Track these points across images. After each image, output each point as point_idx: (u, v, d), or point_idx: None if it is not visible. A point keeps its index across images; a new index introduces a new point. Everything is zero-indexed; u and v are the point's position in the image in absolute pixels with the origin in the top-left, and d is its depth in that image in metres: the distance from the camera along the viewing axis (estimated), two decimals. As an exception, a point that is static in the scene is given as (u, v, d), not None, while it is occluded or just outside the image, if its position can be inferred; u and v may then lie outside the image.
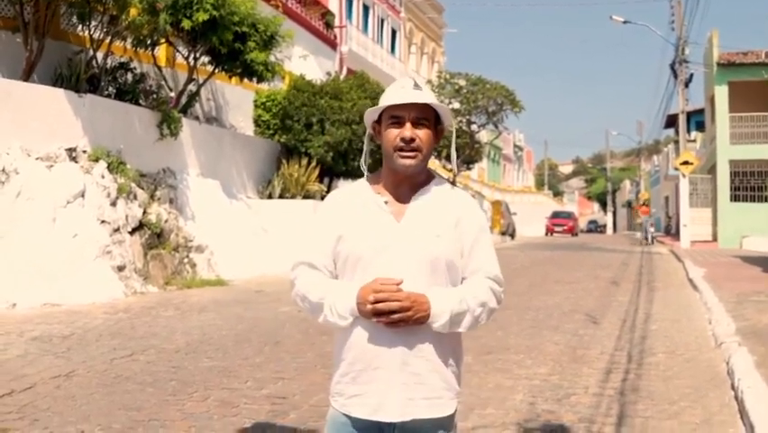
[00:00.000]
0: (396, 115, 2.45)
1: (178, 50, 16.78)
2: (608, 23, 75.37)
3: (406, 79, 2.51)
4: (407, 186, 2.49)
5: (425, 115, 2.46)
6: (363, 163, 2.64)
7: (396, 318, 2.30)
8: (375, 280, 2.33)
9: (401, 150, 2.43)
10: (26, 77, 12.67)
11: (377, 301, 2.29)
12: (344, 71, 29.61)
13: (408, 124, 2.43)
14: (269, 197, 19.20)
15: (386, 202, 2.47)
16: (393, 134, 2.44)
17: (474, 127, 35.32)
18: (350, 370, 2.42)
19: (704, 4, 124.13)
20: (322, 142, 19.66)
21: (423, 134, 2.45)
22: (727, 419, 5.38)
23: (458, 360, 2.50)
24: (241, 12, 14.96)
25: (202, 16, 13.95)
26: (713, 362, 7.35)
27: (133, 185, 13.50)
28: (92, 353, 7.33)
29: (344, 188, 2.65)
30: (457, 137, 34.62)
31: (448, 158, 35.79)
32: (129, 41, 14.87)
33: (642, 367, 7.10)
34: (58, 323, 9.02)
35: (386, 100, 2.47)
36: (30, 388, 5.93)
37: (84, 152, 12.83)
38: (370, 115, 2.55)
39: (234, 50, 15.47)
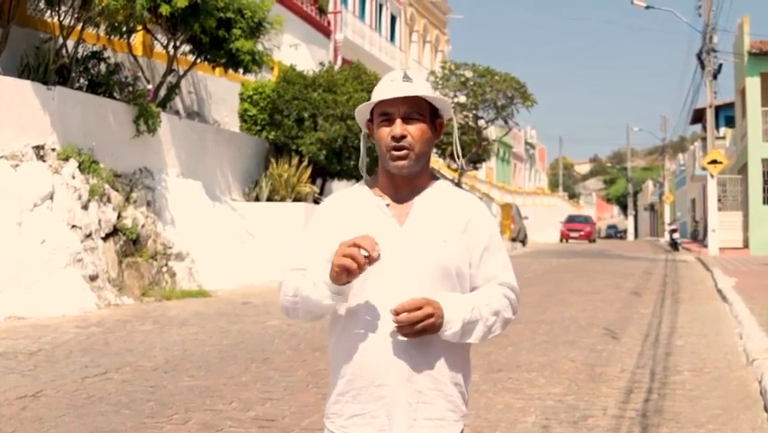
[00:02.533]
0: (386, 112, 2.47)
1: (156, 38, 16.78)
2: (630, 9, 75.53)
3: (396, 72, 2.53)
4: (408, 188, 2.51)
5: (418, 109, 2.47)
6: (362, 165, 2.66)
7: (419, 328, 2.30)
8: (345, 245, 2.27)
9: (393, 150, 2.45)
10: (-11, 67, 12.68)
11: (398, 312, 2.28)
12: (339, 61, 29.64)
13: (399, 121, 2.45)
14: (257, 199, 19.20)
15: (387, 205, 2.48)
16: (384, 133, 2.46)
17: (482, 123, 35.32)
18: (349, 388, 2.43)
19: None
20: (314, 140, 19.67)
21: (414, 130, 2.46)
22: (760, 444, 5.39)
23: (466, 378, 2.51)
24: (225, -5, 14.99)
25: (182, 1, 13.96)
26: (744, 380, 7.36)
27: (107, 186, 13.50)
28: (61, 371, 7.33)
29: (342, 191, 2.67)
30: (463, 134, 34.69)
31: (452, 156, 35.83)
32: (102, 27, 14.86)
33: (666, 386, 7.11)
34: (24, 338, 9.01)
35: (374, 96, 2.50)
36: (-7, 409, 5.92)
37: (53, 149, 12.83)
38: (362, 114, 2.58)
39: (218, 37, 15.48)
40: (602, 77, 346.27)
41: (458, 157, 2.70)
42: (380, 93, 2.47)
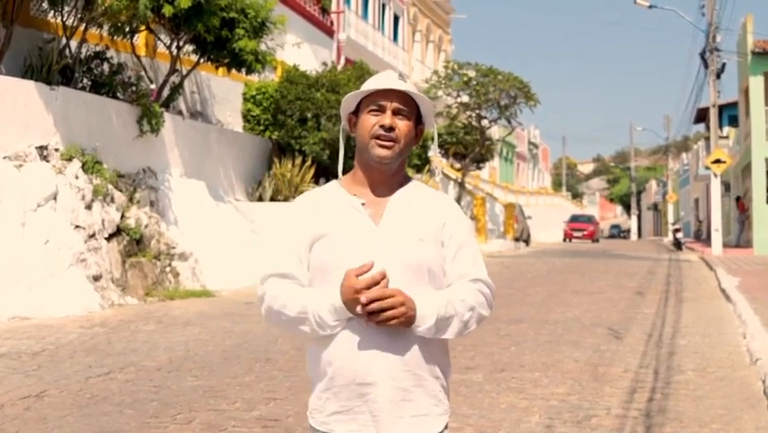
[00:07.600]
0: (378, 103, 2.50)
1: (159, 38, 16.79)
2: (633, 8, 75.51)
3: (392, 71, 2.58)
4: (385, 186, 2.54)
5: (408, 108, 2.52)
6: (341, 160, 2.69)
7: (389, 315, 2.32)
8: (347, 276, 2.34)
9: (378, 137, 2.47)
10: (-7, 68, 12.70)
11: (369, 301, 2.31)
12: (342, 61, 29.64)
13: (389, 112, 2.49)
14: (260, 199, 19.22)
15: (363, 204, 2.50)
16: (371, 122, 2.50)
17: (485, 122, 35.29)
18: (331, 385, 2.46)
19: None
20: (317, 139, 19.68)
21: (403, 126, 2.51)
22: (764, 444, 5.38)
23: (445, 372, 2.55)
24: (228, -5, 15.00)
25: (185, 2, 13.96)
26: (748, 380, 7.35)
27: (110, 186, 13.51)
28: (65, 371, 7.34)
29: (315, 189, 2.68)
30: (466, 133, 34.69)
31: (456, 156, 35.85)
32: (105, 28, 14.86)
33: (669, 386, 7.11)
34: (27, 338, 9.03)
35: (369, 86, 2.53)
36: (-3, 409, 5.93)
37: (56, 150, 12.84)
38: (348, 103, 2.59)
39: (221, 37, 15.49)
40: (605, 77, 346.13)
41: (436, 168, 2.77)
42: (376, 84, 2.51)
